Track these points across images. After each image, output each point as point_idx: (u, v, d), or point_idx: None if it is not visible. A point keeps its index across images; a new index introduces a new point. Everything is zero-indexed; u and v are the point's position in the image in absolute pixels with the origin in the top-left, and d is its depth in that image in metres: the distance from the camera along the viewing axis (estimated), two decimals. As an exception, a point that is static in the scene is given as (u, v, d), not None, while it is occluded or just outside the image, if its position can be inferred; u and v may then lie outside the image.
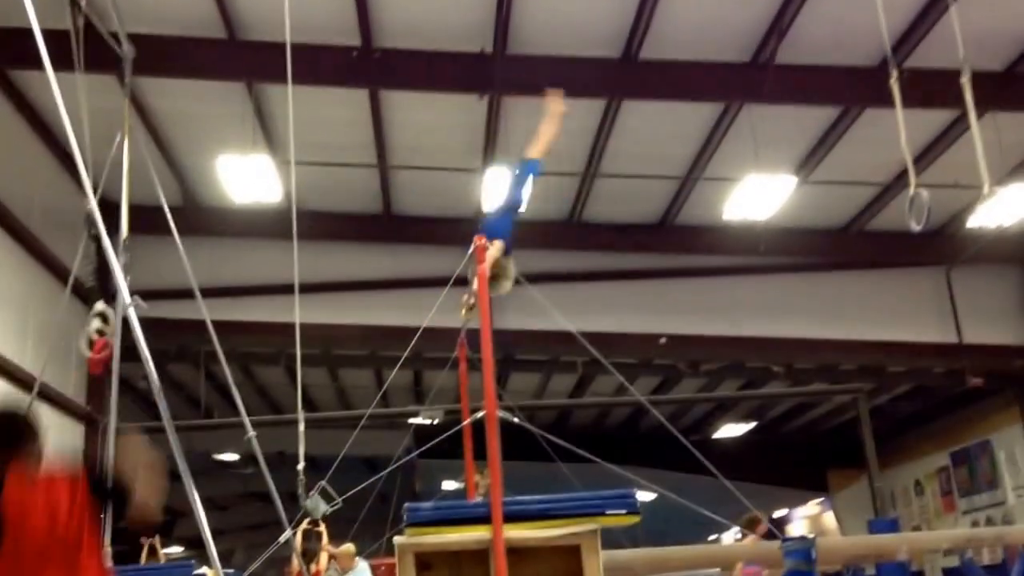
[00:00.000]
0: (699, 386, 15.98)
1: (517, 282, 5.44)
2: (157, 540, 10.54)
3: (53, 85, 5.57)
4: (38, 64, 5.48)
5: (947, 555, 11.55)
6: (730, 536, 19.62)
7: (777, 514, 21.44)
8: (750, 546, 8.06)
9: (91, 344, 6.01)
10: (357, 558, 9.37)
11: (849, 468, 18.17)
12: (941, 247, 12.67)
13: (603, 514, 4.24)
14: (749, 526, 8.50)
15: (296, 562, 8.41)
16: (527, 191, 5.59)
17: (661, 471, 15.25)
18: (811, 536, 5.41)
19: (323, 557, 9.25)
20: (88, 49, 6.91)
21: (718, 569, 4.87)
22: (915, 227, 6.48)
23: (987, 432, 15.48)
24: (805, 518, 21.54)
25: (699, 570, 4.76)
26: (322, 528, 9.19)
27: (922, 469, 17.67)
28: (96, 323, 5.96)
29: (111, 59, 6.84)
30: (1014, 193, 9.79)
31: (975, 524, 15.15)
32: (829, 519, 20.25)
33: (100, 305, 6.01)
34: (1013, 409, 14.31)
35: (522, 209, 5.63)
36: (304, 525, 8.97)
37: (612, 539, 5.32)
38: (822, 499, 20.51)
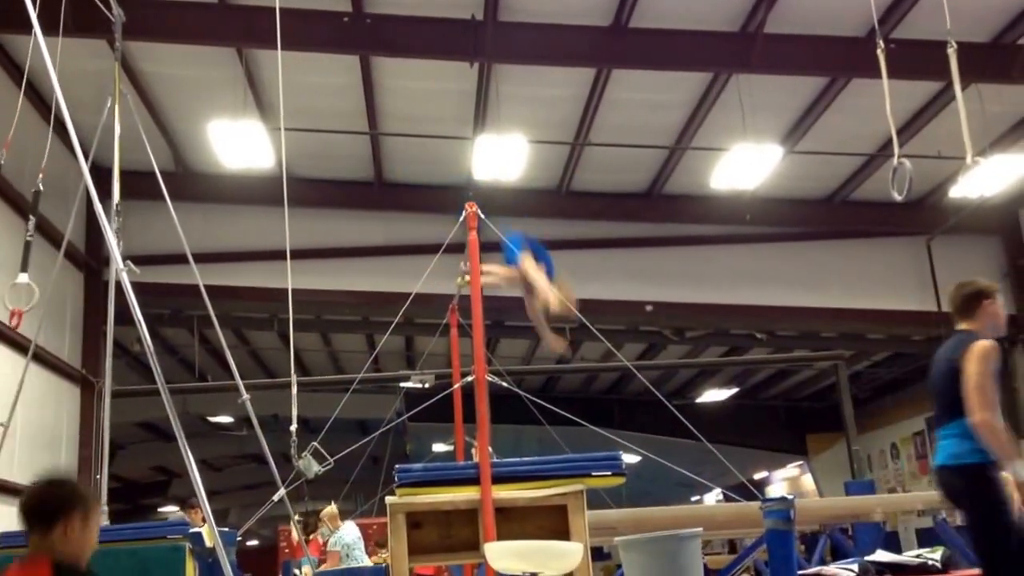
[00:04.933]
0: (684, 352, 16.20)
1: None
2: None
3: (43, 48, 5.59)
4: (28, 27, 5.51)
5: (921, 516, 11.91)
6: (712, 497, 20.04)
7: (757, 476, 21.86)
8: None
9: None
10: (340, 521, 9.60)
11: (827, 432, 18.48)
12: (922, 217, 12.83)
13: (589, 475, 4.34)
14: None
15: (295, 533, 8.62)
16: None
17: (646, 434, 15.61)
18: (790, 497, 5.60)
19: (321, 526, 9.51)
20: (78, 12, 6.92)
21: (701, 528, 5.03)
22: (898, 197, 6.53)
23: (963, 398, 15.77)
24: (784, 480, 21.97)
25: (682, 529, 4.92)
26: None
27: (898, 433, 17.98)
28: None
29: (102, 23, 6.81)
30: (996, 164, 9.93)
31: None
32: (807, 481, 20.67)
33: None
34: (989, 376, 14.55)
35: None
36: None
37: (598, 500, 5.47)
38: (801, 462, 20.91)
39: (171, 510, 24.39)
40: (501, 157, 10.01)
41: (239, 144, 9.57)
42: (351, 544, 9.17)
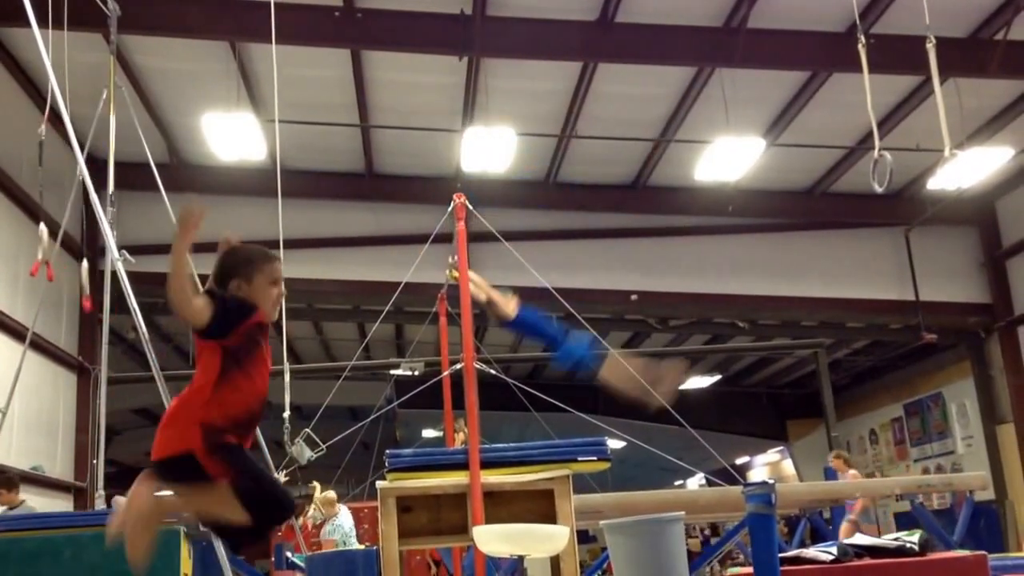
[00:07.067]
0: (668, 340, 16.41)
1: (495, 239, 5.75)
2: None
3: (39, 41, 5.71)
4: (25, 21, 5.62)
5: (899, 500, 12.20)
6: (695, 481, 20.34)
7: (739, 461, 22.16)
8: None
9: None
10: (338, 504, 9.72)
11: (808, 418, 18.75)
12: (901, 208, 13.05)
13: (575, 460, 4.47)
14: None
15: None
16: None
17: (630, 420, 15.75)
18: (771, 482, 5.76)
19: (310, 509, 9.63)
20: (74, 6, 7.01)
21: (683, 512, 5.19)
22: (878, 189, 6.66)
23: (939, 385, 15.97)
24: (766, 465, 22.28)
25: (665, 513, 5.06)
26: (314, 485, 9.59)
27: (877, 419, 18.25)
28: None
29: (97, 16, 6.92)
30: (973, 156, 10.15)
31: (926, 471, 15.79)
32: (788, 466, 20.97)
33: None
34: (964, 363, 14.77)
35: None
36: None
37: (584, 484, 5.60)
38: (782, 447, 21.20)
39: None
40: (489, 149, 10.16)
41: (232, 136, 9.69)
42: (348, 532, 9.31)
